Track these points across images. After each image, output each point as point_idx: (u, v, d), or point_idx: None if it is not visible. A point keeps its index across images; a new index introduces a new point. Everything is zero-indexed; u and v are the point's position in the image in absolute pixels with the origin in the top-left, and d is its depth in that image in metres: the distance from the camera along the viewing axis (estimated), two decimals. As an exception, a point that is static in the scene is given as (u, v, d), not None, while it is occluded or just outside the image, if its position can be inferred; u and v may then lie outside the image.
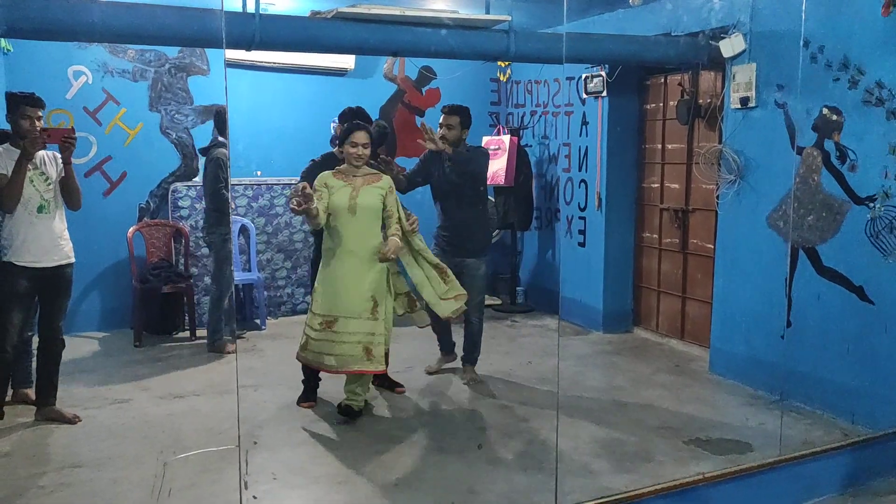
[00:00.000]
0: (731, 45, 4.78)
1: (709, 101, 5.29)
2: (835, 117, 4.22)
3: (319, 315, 4.12)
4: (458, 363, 5.07)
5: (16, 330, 3.95)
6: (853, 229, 4.15)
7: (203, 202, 6.28)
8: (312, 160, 4.62)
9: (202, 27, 3.96)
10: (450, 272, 4.42)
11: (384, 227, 4.26)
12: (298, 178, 4.53)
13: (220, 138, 5.52)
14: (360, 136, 4.13)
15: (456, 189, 4.74)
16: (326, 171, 4.20)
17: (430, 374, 5.04)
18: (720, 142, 5.04)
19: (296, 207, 3.93)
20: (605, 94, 6.03)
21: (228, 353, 5.51)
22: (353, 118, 4.34)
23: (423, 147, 4.69)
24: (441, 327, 5.02)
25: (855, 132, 4.13)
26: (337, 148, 4.48)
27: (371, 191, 4.16)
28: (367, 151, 4.18)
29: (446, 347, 5.15)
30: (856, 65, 4.09)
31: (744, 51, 4.75)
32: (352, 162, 4.16)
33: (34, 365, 4.34)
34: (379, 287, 4.16)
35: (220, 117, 5.63)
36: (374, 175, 4.24)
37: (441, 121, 4.74)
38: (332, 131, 6.16)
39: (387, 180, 4.26)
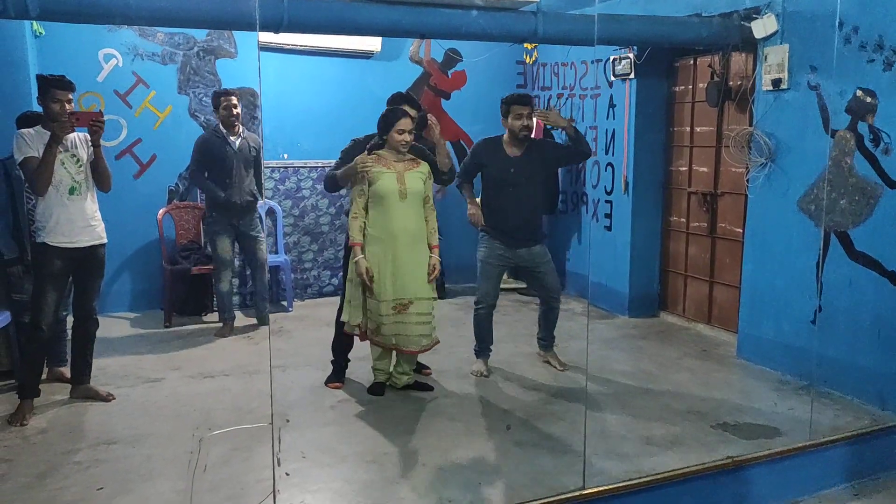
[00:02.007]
0: (763, 26, 4.71)
1: (739, 82, 5.22)
2: (869, 99, 4.16)
3: (391, 300, 4.14)
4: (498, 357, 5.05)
5: (50, 309, 4.01)
6: (886, 213, 4.09)
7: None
8: (354, 139, 4.52)
9: (234, 9, 3.98)
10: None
11: None
12: (338, 157, 4.50)
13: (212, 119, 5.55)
14: (406, 123, 4.14)
15: (521, 185, 4.60)
16: (366, 156, 4.17)
17: (486, 377, 4.73)
18: (751, 124, 4.98)
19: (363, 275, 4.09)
20: (632, 76, 5.97)
21: (223, 336, 5.56)
22: (402, 103, 4.31)
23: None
24: (486, 331, 4.81)
25: (889, 115, 4.06)
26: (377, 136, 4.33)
27: (414, 175, 4.20)
28: (412, 137, 4.21)
29: (485, 354, 4.85)
30: (891, 46, 4.01)
31: (776, 32, 4.68)
32: (398, 148, 4.18)
33: (69, 344, 4.43)
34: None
35: (214, 99, 5.59)
36: (414, 161, 4.26)
37: (515, 111, 4.53)
38: None
39: (425, 166, 4.30)
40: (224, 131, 5.51)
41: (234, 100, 5.48)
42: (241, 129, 5.58)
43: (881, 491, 3.46)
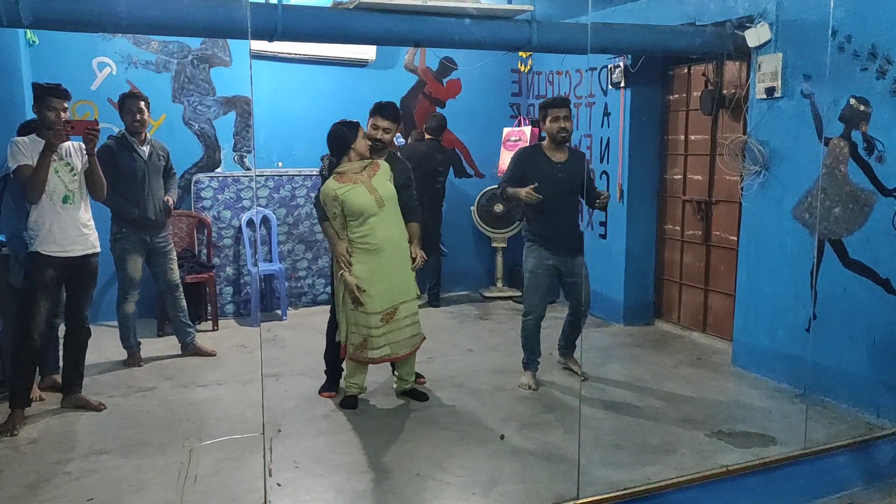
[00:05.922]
0: (756, 35, 4.72)
1: (733, 91, 5.23)
2: (862, 108, 4.16)
3: (378, 312, 4.10)
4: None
5: (43, 319, 4.00)
6: (880, 221, 4.09)
7: (224, 193, 6.35)
8: (326, 157, 4.38)
9: (227, 17, 3.97)
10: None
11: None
12: (318, 173, 4.46)
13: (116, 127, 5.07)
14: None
15: (567, 190, 4.53)
16: (329, 181, 4.10)
17: (534, 390, 4.60)
18: (745, 132, 4.99)
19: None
20: (622, 84, 5.99)
21: (135, 365, 5.07)
22: (376, 113, 4.31)
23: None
24: (534, 343, 4.69)
25: (883, 123, 4.07)
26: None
27: (381, 179, 4.15)
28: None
29: (533, 366, 4.72)
30: (884, 55, 4.02)
31: (770, 40, 4.69)
32: (364, 153, 4.13)
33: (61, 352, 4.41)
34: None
35: (121, 102, 4.95)
36: (373, 164, 4.19)
37: (552, 114, 4.50)
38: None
39: (384, 164, 4.24)
40: (131, 139, 4.90)
41: (143, 104, 4.90)
42: (147, 137, 5.03)
43: (876, 500, 3.44)
